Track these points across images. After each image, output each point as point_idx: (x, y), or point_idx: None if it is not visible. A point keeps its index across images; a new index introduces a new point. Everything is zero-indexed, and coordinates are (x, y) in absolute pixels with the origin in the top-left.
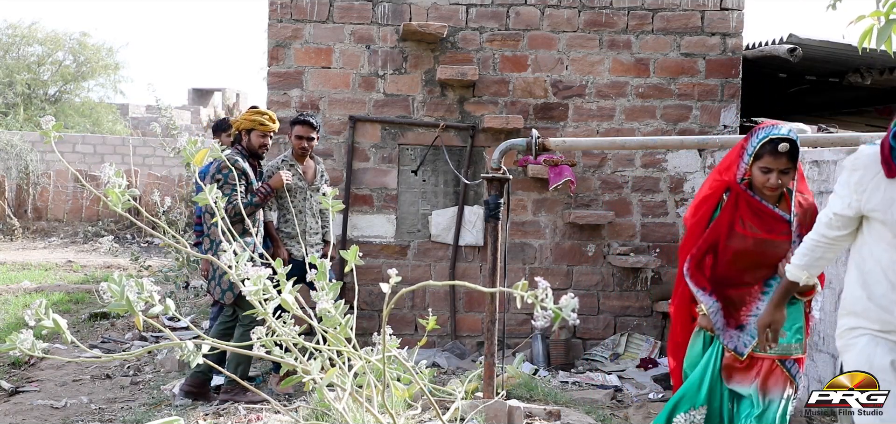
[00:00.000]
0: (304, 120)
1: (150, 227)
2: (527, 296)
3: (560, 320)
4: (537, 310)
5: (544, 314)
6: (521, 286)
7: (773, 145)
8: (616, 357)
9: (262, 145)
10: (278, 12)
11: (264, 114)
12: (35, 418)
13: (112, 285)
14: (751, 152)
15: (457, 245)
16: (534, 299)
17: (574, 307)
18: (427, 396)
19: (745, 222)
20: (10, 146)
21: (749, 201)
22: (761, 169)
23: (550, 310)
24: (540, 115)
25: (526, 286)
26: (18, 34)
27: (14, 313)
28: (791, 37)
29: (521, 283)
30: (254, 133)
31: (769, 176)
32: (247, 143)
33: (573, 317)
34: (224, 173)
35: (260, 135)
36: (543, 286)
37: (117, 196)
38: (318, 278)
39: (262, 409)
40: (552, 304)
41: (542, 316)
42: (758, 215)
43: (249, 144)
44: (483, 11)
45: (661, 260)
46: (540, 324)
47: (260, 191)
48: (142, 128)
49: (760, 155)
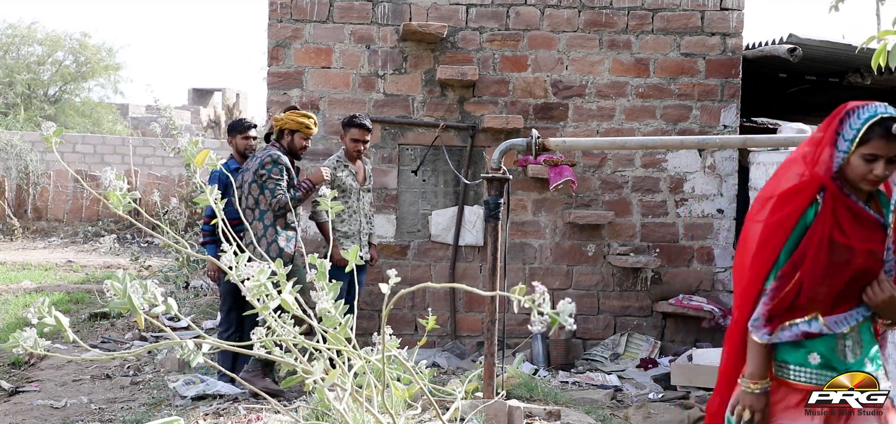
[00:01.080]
0: (361, 123)
1: (151, 227)
2: (524, 301)
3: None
4: (534, 315)
5: (541, 318)
6: (520, 291)
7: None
8: (616, 357)
9: (303, 147)
10: (278, 12)
11: (310, 117)
12: (35, 418)
13: (115, 282)
14: (853, 137)
15: (457, 245)
16: (531, 303)
17: (571, 312)
18: (427, 396)
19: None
20: (10, 146)
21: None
22: (865, 156)
23: (547, 315)
24: (540, 115)
25: (523, 290)
26: (18, 34)
27: (14, 313)
28: (791, 37)
29: (519, 287)
30: (297, 134)
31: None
32: (289, 143)
33: (570, 322)
34: (268, 168)
35: (303, 137)
36: (541, 290)
37: (118, 199)
38: (318, 278)
39: (263, 409)
40: (549, 309)
41: (539, 321)
42: (857, 219)
43: (292, 144)
44: (483, 11)
45: (661, 260)
46: (537, 329)
47: (303, 185)
48: (142, 128)
49: (867, 139)
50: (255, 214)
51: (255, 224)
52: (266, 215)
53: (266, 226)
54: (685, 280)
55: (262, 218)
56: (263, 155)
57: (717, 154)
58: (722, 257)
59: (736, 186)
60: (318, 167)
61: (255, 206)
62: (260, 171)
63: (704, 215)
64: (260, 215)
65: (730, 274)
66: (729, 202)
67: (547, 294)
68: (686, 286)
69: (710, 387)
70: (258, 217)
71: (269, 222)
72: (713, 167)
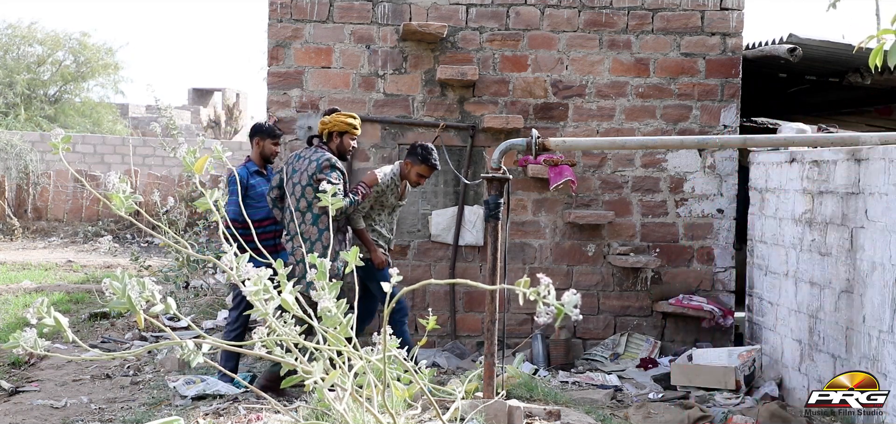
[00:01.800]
0: (435, 164)
1: (150, 227)
2: (529, 293)
3: (562, 318)
4: (540, 307)
5: (547, 310)
6: (524, 283)
7: None
8: (616, 357)
9: (352, 148)
10: (278, 12)
11: (355, 117)
12: (35, 418)
13: (114, 282)
14: None
15: (457, 245)
16: (536, 295)
17: (576, 304)
18: (427, 396)
19: None
20: (10, 146)
21: None
22: None
23: (553, 306)
24: (540, 115)
25: (527, 282)
26: (18, 34)
27: (14, 313)
28: (791, 37)
29: (523, 280)
30: (346, 136)
31: None
32: (338, 145)
33: (576, 313)
34: (327, 172)
35: (351, 138)
36: (545, 282)
37: (121, 200)
38: (318, 277)
39: (263, 409)
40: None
41: (544, 313)
42: None
43: (342, 146)
44: (483, 11)
45: (661, 260)
46: (542, 321)
47: (360, 188)
48: (142, 128)
49: None
50: (307, 218)
51: (308, 228)
52: (320, 220)
53: (321, 230)
54: (685, 280)
55: (315, 222)
56: (319, 158)
57: (717, 154)
58: (722, 257)
59: (736, 186)
60: (372, 171)
61: (308, 209)
62: (318, 175)
63: (704, 215)
64: (313, 218)
65: (730, 274)
66: (729, 202)
67: (552, 285)
68: (686, 286)
69: (711, 387)
70: (311, 221)
71: (323, 227)
72: (713, 167)
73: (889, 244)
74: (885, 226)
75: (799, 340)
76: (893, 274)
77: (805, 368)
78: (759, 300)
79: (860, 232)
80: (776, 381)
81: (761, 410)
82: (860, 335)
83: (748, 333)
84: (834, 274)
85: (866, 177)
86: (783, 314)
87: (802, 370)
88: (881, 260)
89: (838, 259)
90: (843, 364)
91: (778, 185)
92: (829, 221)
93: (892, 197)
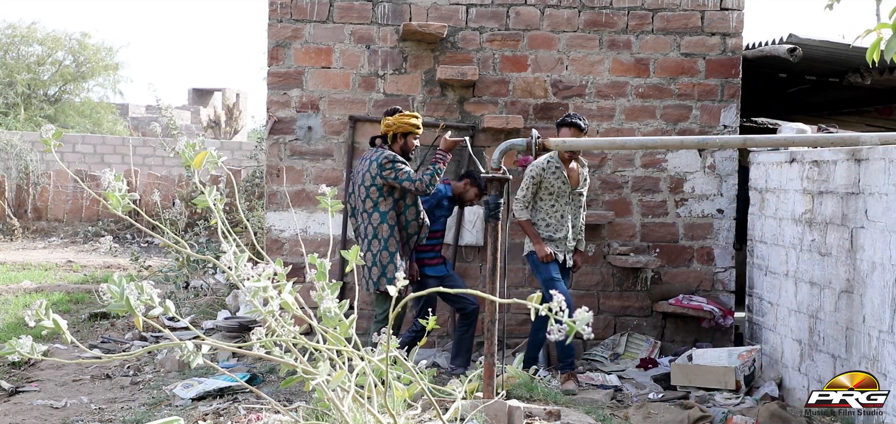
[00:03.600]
0: (575, 122)
1: (150, 227)
2: (541, 309)
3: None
4: (552, 324)
5: (559, 327)
6: (535, 299)
7: None
8: (616, 357)
9: (416, 147)
10: (278, 12)
11: (417, 117)
12: (35, 418)
13: (112, 285)
14: None
15: (457, 245)
16: (548, 312)
17: (588, 321)
18: (428, 396)
19: None
20: (10, 146)
21: None
22: None
23: (566, 324)
24: (540, 115)
25: (538, 298)
26: (18, 34)
27: (14, 313)
28: (791, 37)
29: (535, 295)
30: (410, 137)
31: None
32: (402, 146)
33: (588, 331)
34: (391, 166)
35: (414, 138)
36: (559, 299)
37: (118, 200)
38: (318, 277)
39: (263, 409)
40: (567, 318)
41: (556, 330)
42: None
43: (405, 146)
44: (483, 11)
45: (661, 260)
46: (555, 337)
47: (437, 156)
48: (142, 128)
49: None
50: (375, 217)
51: (380, 227)
52: (388, 216)
53: (391, 227)
54: (685, 280)
55: (384, 220)
56: (378, 157)
57: (717, 154)
58: (722, 257)
59: (736, 186)
60: (444, 136)
61: (374, 209)
62: (383, 174)
63: (704, 215)
64: (381, 217)
65: (729, 274)
66: (729, 202)
67: (564, 302)
68: (686, 286)
69: (710, 387)
70: (380, 220)
71: (393, 222)
72: (713, 167)
73: (889, 244)
74: (885, 226)
75: (799, 340)
76: (893, 274)
77: (805, 368)
78: (759, 300)
79: (860, 232)
80: (776, 381)
81: (761, 410)
82: (860, 336)
83: (748, 333)
84: (834, 274)
85: (866, 177)
86: (783, 314)
87: (802, 370)
88: (881, 260)
89: (838, 259)
90: (843, 364)
91: (778, 185)
92: (829, 221)
93: (892, 197)
